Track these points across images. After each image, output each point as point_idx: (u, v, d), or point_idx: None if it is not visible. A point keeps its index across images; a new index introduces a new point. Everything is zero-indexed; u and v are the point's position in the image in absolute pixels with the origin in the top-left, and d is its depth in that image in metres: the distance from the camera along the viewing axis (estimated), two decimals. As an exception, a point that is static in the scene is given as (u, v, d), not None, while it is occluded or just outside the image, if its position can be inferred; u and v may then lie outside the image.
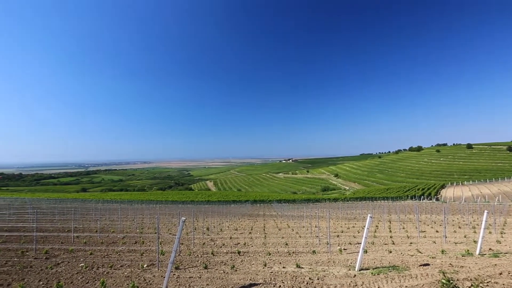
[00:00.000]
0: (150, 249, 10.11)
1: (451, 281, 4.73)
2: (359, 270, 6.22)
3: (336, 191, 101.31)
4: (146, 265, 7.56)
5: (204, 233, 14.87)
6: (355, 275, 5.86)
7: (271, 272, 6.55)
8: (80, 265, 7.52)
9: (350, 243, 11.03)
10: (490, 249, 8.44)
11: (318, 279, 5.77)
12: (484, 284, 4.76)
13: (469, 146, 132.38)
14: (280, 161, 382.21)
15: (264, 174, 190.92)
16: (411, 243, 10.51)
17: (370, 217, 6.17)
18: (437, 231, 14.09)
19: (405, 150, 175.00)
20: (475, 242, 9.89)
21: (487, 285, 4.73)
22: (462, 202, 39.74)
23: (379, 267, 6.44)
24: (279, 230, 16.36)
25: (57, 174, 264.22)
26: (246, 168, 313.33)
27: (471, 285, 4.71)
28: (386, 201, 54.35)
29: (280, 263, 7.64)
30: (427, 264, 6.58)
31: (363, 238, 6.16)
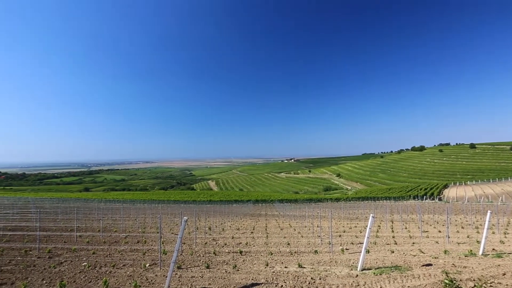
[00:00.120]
0: (152, 248, 10.15)
1: (454, 281, 4.70)
2: (361, 270, 6.20)
3: (338, 191, 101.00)
4: (148, 264, 7.59)
5: (206, 233, 14.90)
6: (357, 275, 5.84)
7: (273, 271, 6.55)
8: (83, 264, 7.57)
9: (352, 243, 10.99)
10: (493, 249, 8.38)
11: (320, 279, 5.76)
12: (488, 284, 4.72)
13: (472, 146, 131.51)
14: (282, 160, 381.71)
15: (266, 174, 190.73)
16: (413, 243, 10.46)
17: (373, 217, 6.15)
18: (439, 231, 14.01)
19: (407, 149, 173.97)
20: (478, 242, 9.83)
21: (490, 285, 4.69)
22: (465, 202, 39.49)
23: (381, 267, 6.41)
24: (281, 230, 16.35)
25: (60, 173, 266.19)
26: (248, 168, 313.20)
27: (474, 285, 4.67)
28: (388, 201, 54.12)
29: (282, 262, 7.64)
30: (430, 264, 6.54)
31: (365, 238, 6.14)
